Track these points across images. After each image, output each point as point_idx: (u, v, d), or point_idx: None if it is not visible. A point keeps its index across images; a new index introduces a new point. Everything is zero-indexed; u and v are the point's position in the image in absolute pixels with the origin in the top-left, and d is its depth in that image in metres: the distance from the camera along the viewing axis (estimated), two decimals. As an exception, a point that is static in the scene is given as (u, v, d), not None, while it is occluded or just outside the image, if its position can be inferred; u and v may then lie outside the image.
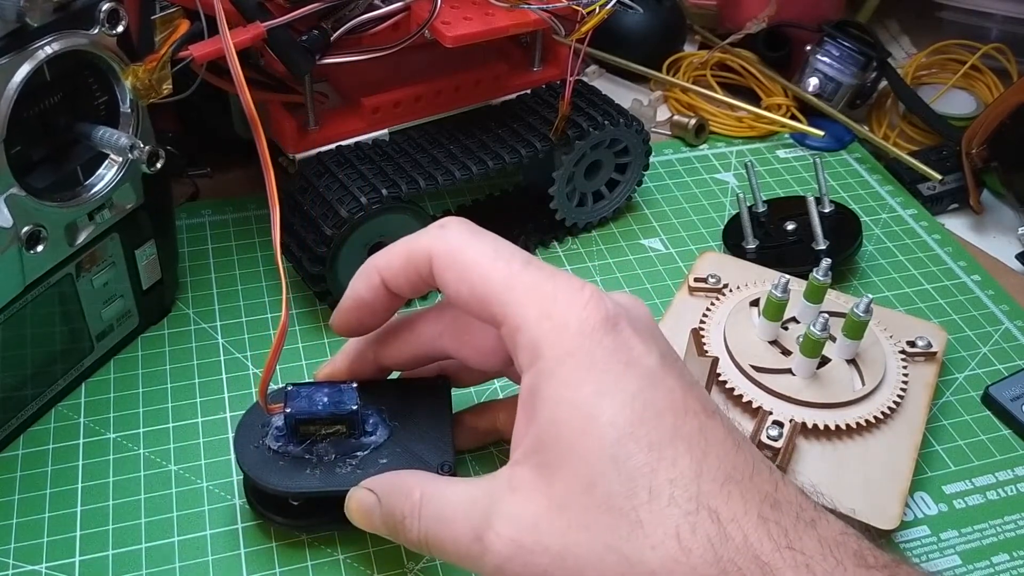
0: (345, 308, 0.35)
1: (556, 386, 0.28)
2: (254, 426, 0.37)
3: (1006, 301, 0.52)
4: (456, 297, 0.31)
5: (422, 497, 0.31)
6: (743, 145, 0.64)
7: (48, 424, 0.42)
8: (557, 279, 0.29)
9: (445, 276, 0.31)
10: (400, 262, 0.32)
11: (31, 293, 0.38)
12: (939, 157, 0.61)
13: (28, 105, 0.35)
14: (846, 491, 0.38)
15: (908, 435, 0.41)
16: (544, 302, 0.29)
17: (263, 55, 0.46)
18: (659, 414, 0.27)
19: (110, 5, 0.36)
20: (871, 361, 0.43)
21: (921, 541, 0.40)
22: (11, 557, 0.37)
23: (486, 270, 0.30)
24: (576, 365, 0.28)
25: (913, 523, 0.40)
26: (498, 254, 0.30)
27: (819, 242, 0.52)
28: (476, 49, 0.46)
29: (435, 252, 0.31)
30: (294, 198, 0.46)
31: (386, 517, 0.32)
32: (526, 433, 0.29)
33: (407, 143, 0.49)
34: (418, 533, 0.31)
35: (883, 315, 0.47)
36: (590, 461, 0.27)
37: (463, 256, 0.31)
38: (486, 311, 0.30)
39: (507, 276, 0.30)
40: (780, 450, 0.39)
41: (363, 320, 0.35)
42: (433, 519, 0.30)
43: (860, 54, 0.64)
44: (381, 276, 0.33)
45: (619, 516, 0.26)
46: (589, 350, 0.28)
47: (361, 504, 0.33)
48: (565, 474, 0.27)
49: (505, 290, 0.29)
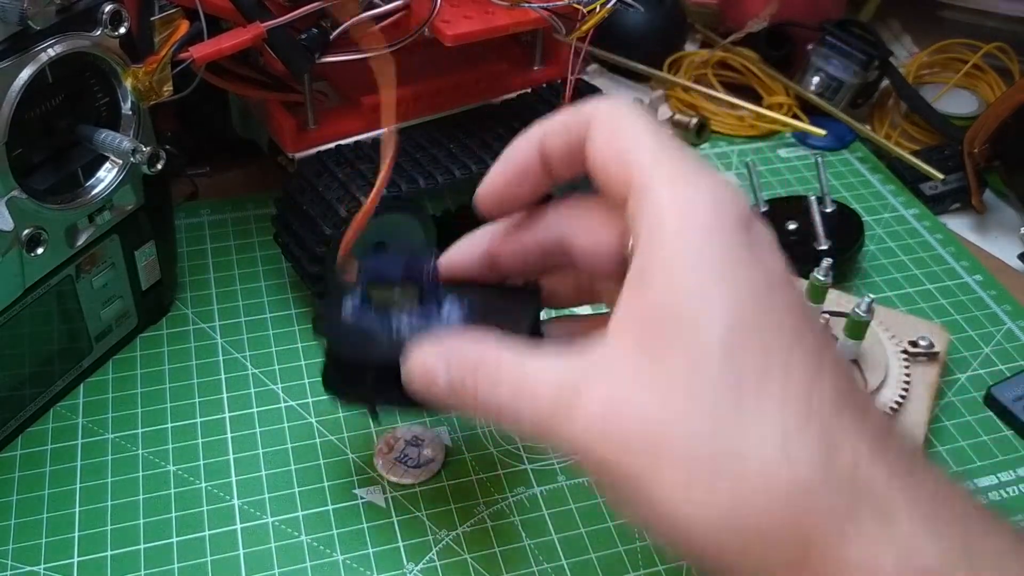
0: (496, 171, 0.33)
1: (675, 264, 0.26)
2: (339, 298, 0.35)
3: (1008, 301, 0.52)
4: (600, 158, 0.29)
5: (508, 350, 0.28)
6: (744, 144, 0.64)
7: (47, 424, 0.42)
8: (704, 168, 0.28)
9: (597, 135, 0.29)
10: (562, 120, 0.31)
11: (31, 295, 0.38)
12: (941, 156, 0.61)
13: (30, 107, 0.35)
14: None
15: (910, 435, 0.41)
16: (684, 181, 0.27)
17: (263, 54, 0.46)
18: (780, 318, 0.26)
19: (112, 7, 0.36)
20: (873, 361, 0.43)
21: (923, 542, 0.39)
22: (9, 558, 0.37)
23: (639, 136, 0.28)
24: (701, 247, 0.26)
25: (915, 524, 0.40)
26: (655, 130, 0.29)
27: (821, 241, 0.51)
28: (476, 48, 0.46)
29: (597, 114, 0.30)
30: (293, 198, 0.45)
31: (455, 376, 0.29)
32: (630, 309, 0.27)
33: (407, 142, 0.48)
34: (493, 394, 0.28)
35: (885, 315, 0.46)
36: (703, 343, 0.25)
37: (621, 121, 0.29)
38: (623, 175, 0.28)
39: (657, 148, 0.28)
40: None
41: (510, 189, 0.33)
42: (516, 378, 0.28)
43: (862, 53, 0.64)
44: (543, 133, 0.31)
45: (727, 403, 0.24)
46: (719, 235, 0.26)
47: (424, 361, 0.30)
48: (673, 351, 0.25)
49: (650, 159, 0.28)
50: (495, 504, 0.40)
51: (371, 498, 0.40)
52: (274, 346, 0.46)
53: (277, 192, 0.47)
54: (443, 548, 0.38)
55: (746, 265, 0.26)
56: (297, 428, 0.43)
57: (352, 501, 0.40)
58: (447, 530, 0.39)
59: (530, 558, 0.38)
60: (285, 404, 0.44)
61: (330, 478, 0.40)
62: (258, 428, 0.42)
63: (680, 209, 0.26)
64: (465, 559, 0.38)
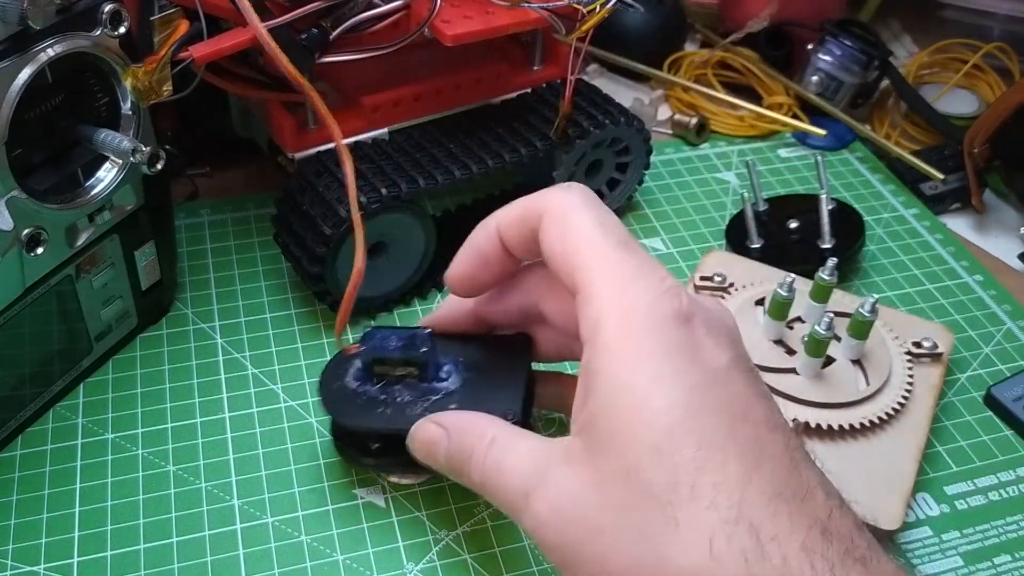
0: (461, 258, 0.35)
1: (614, 365, 0.28)
2: (339, 367, 0.38)
3: (1008, 301, 0.52)
4: (550, 256, 0.31)
5: (493, 440, 0.31)
6: (744, 144, 0.64)
7: (46, 425, 0.42)
8: (644, 266, 0.30)
9: (548, 231, 0.31)
10: (517, 213, 0.33)
11: (31, 295, 0.38)
12: (941, 156, 0.61)
13: (30, 107, 0.35)
14: (848, 490, 0.37)
15: (912, 436, 0.41)
16: (622, 281, 0.29)
17: (263, 54, 0.46)
18: (716, 413, 0.27)
19: (112, 6, 0.36)
20: (876, 362, 0.43)
21: (923, 542, 0.39)
22: (9, 558, 0.37)
23: (584, 235, 0.30)
24: (638, 348, 0.28)
25: (915, 524, 0.40)
26: (602, 225, 0.31)
27: (825, 239, 0.51)
28: (476, 48, 0.46)
29: (548, 208, 0.32)
30: (293, 198, 0.45)
31: (453, 453, 0.33)
32: (582, 407, 0.29)
33: (407, 142, 0.48)
34: (480, 475, 0.31)
35: (889, 316, 0.46)
36: (636, 446, 0.27)
37: (570, 217, 0.31)
38: (570, 277, 0.30)
39: (599, 247, 0.30)
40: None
41: (476, 274, 0.35)
42: (495, 465, 0.31)
43: (862, 53, 0.64)
44: (498, 225, 0.34)
45: (656, 508, 0.26)
46: (654, 336, 0.28)
47: (428, 436, 0.34)
48: (611, 454, 0.27)
49: (592, 259, 0.30)
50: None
51: (371, 498, 0.40)
52: (274, 346, 0.46)
53: (277, 192, 0.47)
54: (443, 548, 0.38)
55: (683, 364, 0.28)
56: (297, 428, 0.43)
57: (352, 501, 0.40)
58: (447, 530, 0.39)
59: (530, 558, 0.38)
60: (285, 404, 0.44)
61: (330, 478, 0.40)
62: (258, 428, 0.42)
63: (618, 313, 0.28)
64: (465, 559, 0.38)
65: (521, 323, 0.37)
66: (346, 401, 0.37)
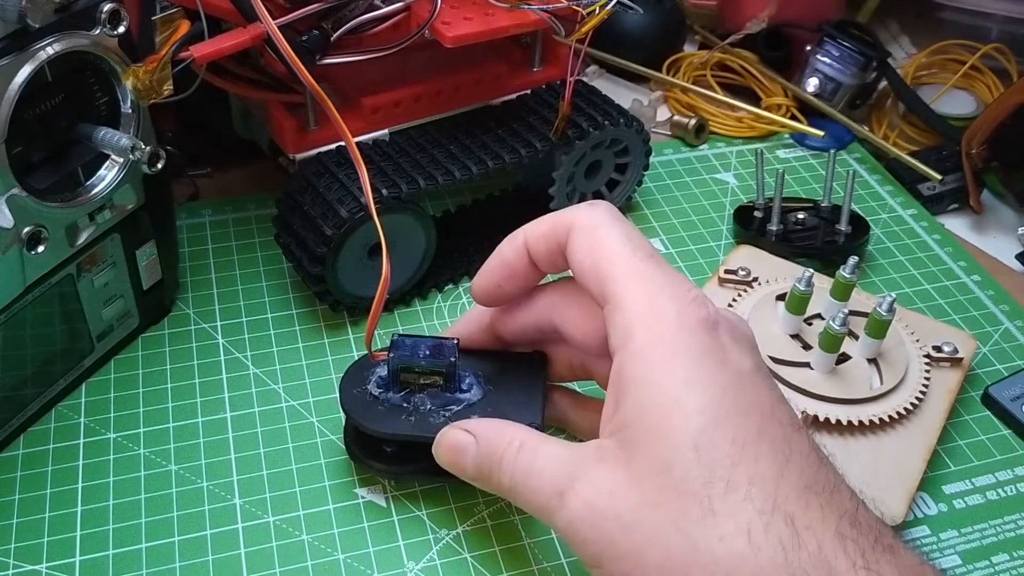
0: (488, 269, 0.36)
1: (647, 368, 0.29)
2: (360, 373, 0.39)
3: (1006, 301, 0.52)
4: (579, 268, 0.33)
5: (522, 444, 0.32)
6: (743, 145, 0.64)
7: (48, 424, 0.42)
8: (671, 277, 0.31)
9: (576, 246, 0.33)
10: (545, 228, 0.34)
11: (32, 293, 0.38)
12: (939, 157, 0.61)
13: (29, 106, 0.35)
14: (853, 484, 0.38)
15: (922, 437, 0.41)
16: (651, 291, 0.30)
17: (263, 55, 0.46)
18: (746, 413, 0.28)
19: (111, 6, 0.36)
20: (893, 361, 0.43)
21: (921, 541, 0.40)
22: (11, 557, 0.37)
23: (612, 249, 0.32)
24: (669, 352, 0.29)
25: (913, 523, 0.40)
26: (629, 240, 0.32)
27: (843, 222, 0.53)
28: (476, 49, 0.46)
29: (576, 224, 0.33)
30: (294, 198, 0.46)
31: (481, 459, 0.33)
32: (615, 410, 0.30)
33: (407, 143, 0.48)
34: (509, 479, 0.32)
35: (912, 319, 0.47)
36: (672, 444, 0.28)
37: (598, 233, 0.32)
38: (599, 287, 0.32)
39: (628, 260, 0.31)
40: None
41: (501, 285, 0.36)
42: (526, 467, 0.32)
43: (860, 54, 0.64)
44: (526, 238, 0.35)
45: (692, 500, 0.27)
46: (685, 341, 0.29)
47: (456, 442, 0.34)
48: (646, 453, 0.28)
49: (621, 272, 0.31)
50: (495, 503, 0.40)
51: (372, 497, 0.40)
52: (275, 346, 0.47)
53: (278, 192, 0.47)
54: (443, 547, 0.38)
55: (712, 367, 0.29)
56: (298, 428, 0.43)
57: (353, 500, 0.40)
58: (447, 529, 0.39)
59: (530, 557, 0.38)
60: (286, 404, 0.44)
61: (331, 477, 0.41)
62: (259, 428, 0.43)
63: (649, 321, 0.30)
64: (465, 558, 0.38)
65: (535, 341, 0.38)
66: (368, 407, 0.37)
